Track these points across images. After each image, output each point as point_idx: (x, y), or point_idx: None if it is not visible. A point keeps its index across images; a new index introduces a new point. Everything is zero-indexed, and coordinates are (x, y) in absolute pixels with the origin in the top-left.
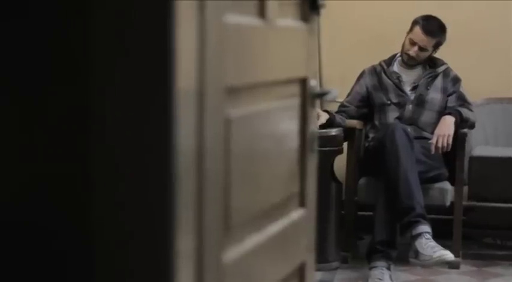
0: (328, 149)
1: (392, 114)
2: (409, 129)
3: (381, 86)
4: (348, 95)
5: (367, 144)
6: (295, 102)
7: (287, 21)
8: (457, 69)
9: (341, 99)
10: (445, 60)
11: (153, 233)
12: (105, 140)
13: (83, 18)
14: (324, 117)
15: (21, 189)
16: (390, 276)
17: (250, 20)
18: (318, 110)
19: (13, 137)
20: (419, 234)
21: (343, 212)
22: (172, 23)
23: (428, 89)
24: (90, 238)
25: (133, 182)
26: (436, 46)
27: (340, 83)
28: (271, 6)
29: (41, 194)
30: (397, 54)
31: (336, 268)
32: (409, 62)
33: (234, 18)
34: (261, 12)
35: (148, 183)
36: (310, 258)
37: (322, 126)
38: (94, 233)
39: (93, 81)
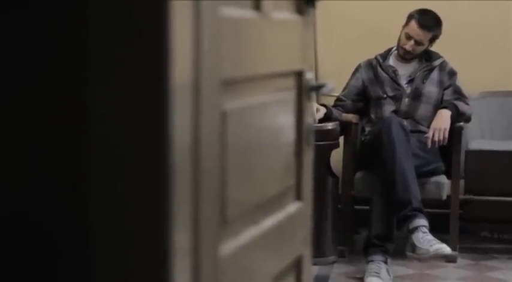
0: (324, 143)
1: (388, 108)
2: (405, 122)
3: (376, 80)
4: (344, 89)
5: (363, 138)
6: (291, 95)
7: (283, 14)
8: (453, 63)
9: (337, 93)
10: (442, 54)
11: (150, 226)
12: (101, 135)
13: (79, 12)
14: (322, 112)
15: (20, 184)
16: (387, 270)
17: (245, 13)
18: (316, 104)
19: (12, 132)
20: (416, 228)
21: (339, 206)
22: (167, 16)
23: (424, 83)
24: (87, 233)
25: (129, 176)
26: (432, 40)
27: (336, 77)
28: None
29: (39, 188)
30: (392, 47)
31: (333, 262)
32: (405, 56)
33: (229, 11)
34: (257, 5)
35: (145, 177)
36: (306, 252)
37: (320, 120)
38: (91, 228)
39: (90, 75)
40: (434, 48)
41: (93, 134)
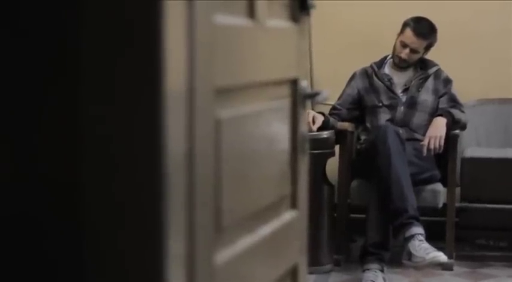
0: (320, 151)
1: (383, 116)
2: (400, 131)
3: (372, 88)
4: (339, 97)
5: (359, 147)
6: (286, 103)
7: (277, 21)
8: (449, 70)
9: (332, 101)
10: (437, 62)
11: (144, 235)
12: (95, 143)
13: (74, 18)
14: (320, 120)
15: (13, 185)
16: (383, 279)
17: (239, 20)
18: (314, 112)
19: (4, 132)
20: (412, 236)
21: (335, 214)
22: (161, 24)
23: (419, 91)
24: (81, 240)
25: (124, 184)
26: (427, 48)
27: (331, 85)
28: (261, 7)
29: (33, 194)
30: (388, 56)
31: (329, 271)
32: (400, 64)
33: (223, 19)
34: (251, 13)
35: (139, 185)
36: (302, 260)
37: (318, 129)
38: (85, 236)
39: (83, 83)
40: (430, 55)
41: (87, 142)
